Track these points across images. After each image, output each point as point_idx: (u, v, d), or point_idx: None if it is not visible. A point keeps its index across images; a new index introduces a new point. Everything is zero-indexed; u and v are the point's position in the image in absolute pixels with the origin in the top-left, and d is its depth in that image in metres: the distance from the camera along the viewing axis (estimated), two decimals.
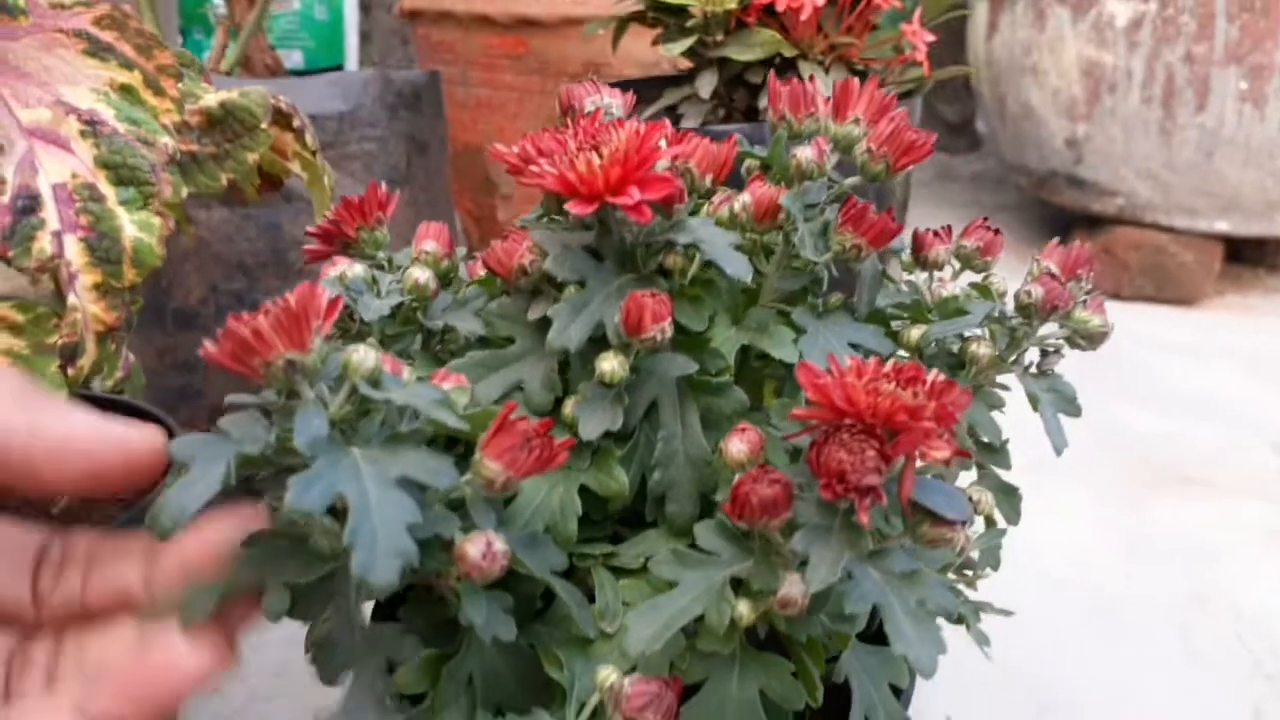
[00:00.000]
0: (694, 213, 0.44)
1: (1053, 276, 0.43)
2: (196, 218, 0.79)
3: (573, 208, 0.37)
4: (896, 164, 0.42)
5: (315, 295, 0.32)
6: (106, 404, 0.61)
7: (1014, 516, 0.45)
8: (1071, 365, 0.47)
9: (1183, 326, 1.41)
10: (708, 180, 0.43)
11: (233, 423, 0.32)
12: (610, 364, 0.39)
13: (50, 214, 0.48)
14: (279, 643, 0.81)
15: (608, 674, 0.34)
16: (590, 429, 0.40)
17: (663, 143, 0.39)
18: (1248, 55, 1.37)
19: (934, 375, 0.35)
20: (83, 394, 0.57)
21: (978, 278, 0.50)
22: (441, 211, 0.97)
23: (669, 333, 0.38)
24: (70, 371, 0.48)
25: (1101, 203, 1.53)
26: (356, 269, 0.42)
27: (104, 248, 0.48)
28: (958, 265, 0.50)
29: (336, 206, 0.47)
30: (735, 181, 0.46)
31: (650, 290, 0.38)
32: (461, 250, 0.48)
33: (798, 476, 0.36)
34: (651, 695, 0.33)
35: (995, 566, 0.44)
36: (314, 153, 0.64)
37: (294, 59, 1.68)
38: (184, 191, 0.56)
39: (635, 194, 0.37)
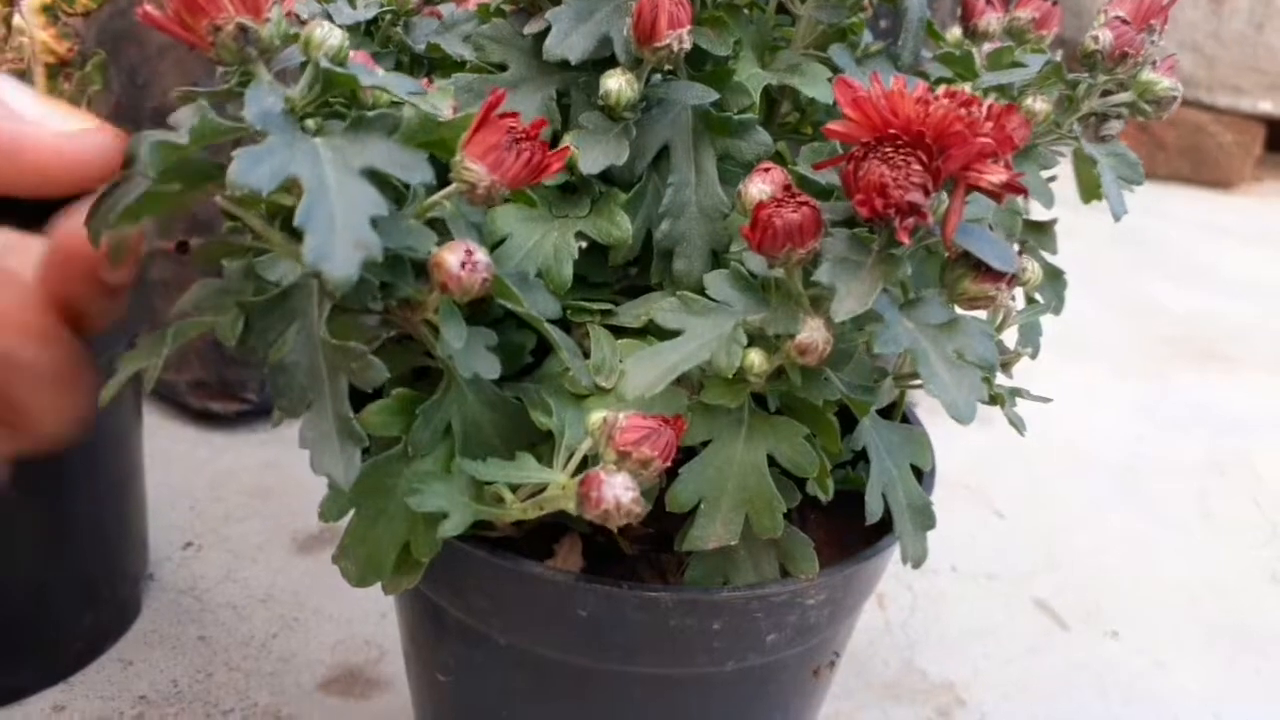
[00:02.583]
0: None
1: (1124, 22, 0.37)
2: None
3: None
4: None
5: None
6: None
7: (1057, 303, 0.40)
8: (1102, 240, 0.42)
9: (1217, 208, 1.36)
10: None
11: (183, 116, 0.28)
12: (617, 81, 0.34)
13: None
14: (255, 466, 0.78)
15: (601, 415, 0.30)
16: (591, 162, 0.35)
17: None
18: None
19: (990, 101, 0.31)
20: None
21: None
22: None
23: (688, 43, 0.33)
24: None
25: None
26: None
27: None
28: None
29: None
30: None
31: None
32: None
33: (828, 214, 0.32)
34: (648, 429, 0.29)
35: (1034, 353, 0.39)
36: None
37: None
38: None
39: None
